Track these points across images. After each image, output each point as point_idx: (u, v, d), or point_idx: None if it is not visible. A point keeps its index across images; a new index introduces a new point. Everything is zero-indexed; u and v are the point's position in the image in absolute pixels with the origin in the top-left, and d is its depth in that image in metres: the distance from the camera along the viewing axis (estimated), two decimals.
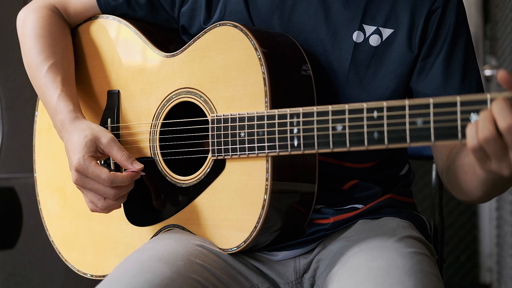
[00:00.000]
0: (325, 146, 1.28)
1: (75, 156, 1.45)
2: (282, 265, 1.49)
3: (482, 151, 1.08)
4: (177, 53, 1.53)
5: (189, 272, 1.33)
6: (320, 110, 1.28)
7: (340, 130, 1.26)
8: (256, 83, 1.38)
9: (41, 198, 1.79)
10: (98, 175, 1.42)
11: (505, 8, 3.03)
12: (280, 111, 1.34)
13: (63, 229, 1.74)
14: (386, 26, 1.47)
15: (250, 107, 1.39)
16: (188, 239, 1.43)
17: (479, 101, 1.10)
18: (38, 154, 1.80)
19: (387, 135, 1.20)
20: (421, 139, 1.15)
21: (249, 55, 1.39)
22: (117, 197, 1.44)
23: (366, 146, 1.22)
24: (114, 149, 1.46)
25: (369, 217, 1.50)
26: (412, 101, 1.17)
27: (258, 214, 1.37)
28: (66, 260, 1.72)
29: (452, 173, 1.40)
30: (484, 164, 1.10)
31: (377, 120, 1.21)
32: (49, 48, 1.63)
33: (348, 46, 1.47)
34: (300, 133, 1.31)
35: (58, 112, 1.55)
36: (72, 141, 1.48)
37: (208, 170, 1.45)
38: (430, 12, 1.46)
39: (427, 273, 1.29)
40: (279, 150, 1.34)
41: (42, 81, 1.59)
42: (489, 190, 1.28)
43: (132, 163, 1.45)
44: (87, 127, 1.49)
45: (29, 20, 1.68)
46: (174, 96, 1.52)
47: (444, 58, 1.46)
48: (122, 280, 1.27)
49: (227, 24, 1.44)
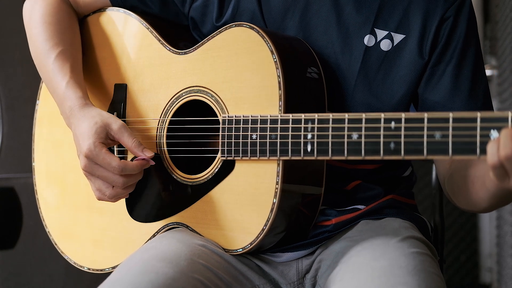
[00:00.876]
0: (339, 153, 1.28)
1: (85, 142, 1.44)
2: (285, 266, 1.50)
3: (502, 168, 1.09)
4: (190, 50, 1.52)
5: (192, 272, 1.33)
6: (336, 117, 1.29)
7: (355, 138, 1.26)
8: (270, 86, 1.38)
9: (39, 188, 1.77)
10: (108, 163, 1.41)
11: (505, 8, 3.04)
12: (294, 116, 1.34)
13: (60, 220, 1.72)
14: (398, 32, 1.48)
15: (263, 110, 1.39)
16: (191, 239, 1.42)
17: (500, 118, 1.11)
18: (38, 143, 1.78)
19: (403, 146, 1.20)
20: (439, 152, 1.17)
21: (265, 57, 1.39)
22: (125, 185, 1.44)
23: (381, 156, 1.23)
24: (125, 136, 1.46)
25: (371, 217, 1.51)
26: (431, 114, 1.18)
27: (266, 217, 1.37)
28: (62, 252, 1.71)
29: (456, 183, 1.41)
30: (503, 181, 1.11)
31: (394, 131, 1.21)
32: (58, 35, 1.62)
33: (359, 49, 1.48)
34: (314, 139, 1.31)
35: (66, 98, 1.54)
36: (82, 128, 1.47)
37: (216, 170, 1.45)
38: (442, 20, 1.47)
39: (430, 273, 1.31)
40: (292, 155, 1.34)
41: (50, 67, 1.58)
42: (497, 202, 1.30)
43: (143, 150, 1.45)
44: (97, 113, 1.49)
45: (37, 6, 1.66)
46: (184, 94, 1.51)
47: (454, 66, 1.47)
48: (126, 280, 1.27)
49: (243, 25, 1.44)
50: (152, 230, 1.55)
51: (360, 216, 1.51)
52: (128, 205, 1.59)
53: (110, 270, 1.62)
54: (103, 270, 1.63)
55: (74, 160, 1.69)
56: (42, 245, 1.69)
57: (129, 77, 1.61)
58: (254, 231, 1.39)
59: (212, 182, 1.46)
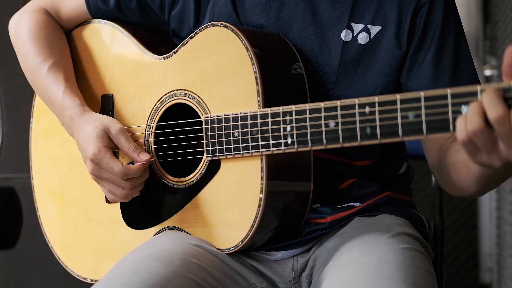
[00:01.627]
0: (318, 143, 1.28)
1: (89, 147, 1.47)
2: (280, 265, 1.49)
3: (471, 143, 1.07)
4: (169, 55, 1.53)
5: (185, 271, 1.33)
6: (313, 107, 1.28)
7: (333, 126, 1.26)
8: (248, 83, 1.38)
9: (39, 205, 1.79)
10: (111, 168, 1.44)
11: (505, 8, 3.02)
12: (273, 110, 1.34)
13: (61, 234, 1.74)
14: (374, 23, 1.47)
15: (243, 107, 1.39)
16: (185, 239, 1.43)
17: (469, 93, 1.09)
18: (35, 160, 1.80)
19: (379, 130, 1.20)
20: (413, 132, 1.15)
21: (241, 55, 1.39)
22: (132, 187, 1.46)
23: (359, 141, 1.22)
24: (122, 140, 1.48)
25: (365, 214, 1.50)
26: (403, 95, 1.17)
27: (254, 213, 1.37)
28: (66, 266, 1.73)
29: (445, 170, 1.40)
30: (475, 157, 1.10)
31: (369, 116, 1.21)
32: (47, 49, 1.64)
33: (336, 45, 1.47)
34: (293, 131, 1.31)
35: (65, 108, 1.56)
36: (84, 134, 1.49)
37: (203, 171, 1.45)
38: (417, 8, 1.45)
39: (419, 268, 1.30)
40: (273, 148, 1.34)
41: (44, 80, 1.60)
42: (484, 185, 1.28)
43: (139, 154, 1.47)
44: (97, 118, 1.51)
45: (23, 24, 1.68)
46: (167, 98, 1.52)
47: (433, 54, 1.45)
48: (118, 281, 1.27)
49: (217, 24, 1.44)
50: (148, 236, 1.55)
51: (355, 214, 1.50)
52: (124, 213, 1.60)
53: None
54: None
55: (69, 174, 1.72)
56: (42, 245, 1.72)
57: (114, 87, 1.63)
58: (244, 229, 1.39)
59: (200, 183, 1.46)
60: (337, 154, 1.50)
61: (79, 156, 1.69)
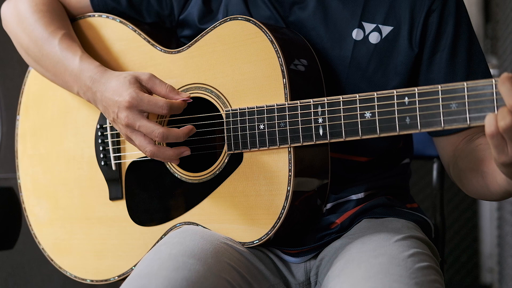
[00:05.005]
0: (353, 134, 1.30)
1: (123, 95, 1.41)
2: (295, 266, 1.50)
3: (499, 136, 1.12)
4: (183, 49, 1.52)
5: (219, 271, 1.31)
6: (347, 99, 1.31)
7: (369, 117, 1.28)
8: (273, 76, 1.39)
9: (27, 205, 1.72)
10: (155, 102, 1.39)
11: (506, 7, 3.05)
12: (302, 102, 1.35)
13: (54, 235, 1.67)
14: (386, 24, 1.49)
15: (268, 100, 1.39)
16: (212, 235, 1.41)
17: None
18: (22, 159, 1.73)
19: (419, 119, 1.23)
20: (456, 121, 1.20)
21: (265, 48, 1.40)
22: (165, 138, 1.39)
23: (398, 131, 1.25)
24: (156, 83, 1.44)
25: (373, 216, 1.51)
26: (444, 86, 1.21)
27: (281, 206, 1.37)
28: (60, 267, 1.66)
29: (464, 174, 1.43)
30: (501, 152, 1.14)
31: (408, 106, 1.24)
32: (56, 22, 1.60)
33: (348, 44, 1.49)
34: (326, 122, 1.33)
35: (83, 70, 1.51)
36: (112, 86, 1.45)
37: (223, 165, 1.44)
38: (429, 12, 1.47)
39: (429, 274, 1.31)
40: (303, 140, 1.35)
41: (56, 49, 1.55)
42: (508, 195, 1.35)
43: (179, 93, 1.44)
44: (122, 72, 1.48)
45: (22, 3, 1.63)
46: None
47: (447, 56, 1.48)
48: (161, 275, 1.24)
49: (238, 18, 1.44)
50: (158, 233, 1.52)
51: (359, 213, 1.51)
52: (130, 210, 1.56)
53: (115, 279, 1.58)
54: (108, 280, 1.60)
55: (64, 172, 1.66)
56: None
57: None
58: (269, 222, 1.39)
59: (220, 177, 1.45)
60: (339, 151, 1.52)
61: (76, 152, 1.65)
